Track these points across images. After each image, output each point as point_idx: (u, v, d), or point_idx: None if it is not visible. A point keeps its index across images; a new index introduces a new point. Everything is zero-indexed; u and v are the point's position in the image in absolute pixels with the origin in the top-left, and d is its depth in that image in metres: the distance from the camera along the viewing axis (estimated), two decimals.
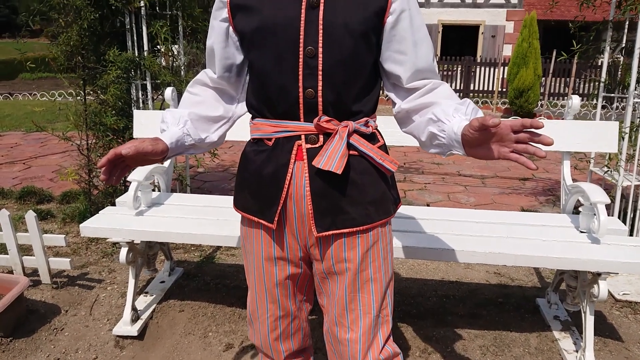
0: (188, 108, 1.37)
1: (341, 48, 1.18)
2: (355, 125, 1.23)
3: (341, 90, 1.21)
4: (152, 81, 3.49)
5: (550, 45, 13.89)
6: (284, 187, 1.25)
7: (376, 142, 1.30)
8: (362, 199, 1.26)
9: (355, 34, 1.18)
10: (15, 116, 9.82)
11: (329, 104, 1.21)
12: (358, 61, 1.21)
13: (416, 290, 2.91)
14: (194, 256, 3.35)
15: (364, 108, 1.26)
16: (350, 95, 1.23)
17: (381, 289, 1.33)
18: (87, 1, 3.15)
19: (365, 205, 1.27)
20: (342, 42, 1.18)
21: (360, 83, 1.23)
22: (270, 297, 1.38)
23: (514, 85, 10.47)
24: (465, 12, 15.96)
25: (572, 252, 2.04)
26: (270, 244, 1.34)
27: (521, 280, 3.03)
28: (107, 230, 2.34)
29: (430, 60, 1.27)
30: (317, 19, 1.16)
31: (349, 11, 1.17)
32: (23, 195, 4.42)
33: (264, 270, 1.37)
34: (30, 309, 2.64)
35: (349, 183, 1.24)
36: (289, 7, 1.18)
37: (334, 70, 1.19)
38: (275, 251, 1.34)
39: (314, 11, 1.17)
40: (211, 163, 5.94)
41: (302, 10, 1.17)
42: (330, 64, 1.18)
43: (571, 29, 3.35)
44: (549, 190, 5.04)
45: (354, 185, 1.25)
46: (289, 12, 1.18)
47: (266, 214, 1.30)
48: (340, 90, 1.21)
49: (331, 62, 1.18)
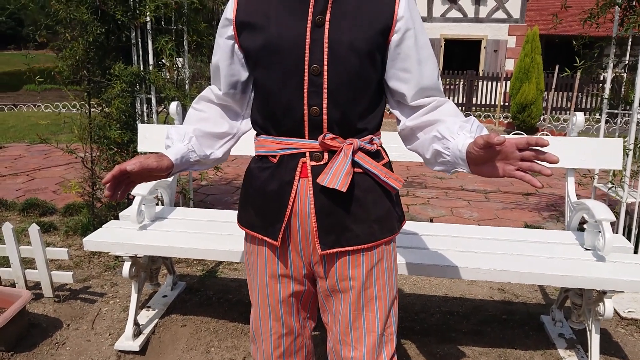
0: (193, 124, 1.37)
1: (346, 66, 1.19)
2: (360, 142, 1.24)
3: (346, 108, 1.21)
4: (157, 95, 3.50)
5: (553, 59, 13.94)
6: (289, 205, 1.25)
7: (381, 160, 1.30)
8: (367, 217, 1.26)
9: (360, 52, 1.19)
10: (19, 127, 9.87)
11: (334, 121, 1.21)
12: (363, 79, 1.22)
13: (420, 306, 2.89)
14: (197, 270, 3.34)
15: (368, 125, 1.26)
16: (355, 112, 1.23)
17: (385, 307, 1.32)
18: (94, 16, 3.18)
19: (370, 223, 1.27)
20: (347, 61, 1.19)
21: (365, 101, 1.24)
22: (273, 314, 1.37)
23: (516, 100, 10.50)
24: (468, 26, 16.06)
25: (577, 270, 2.03)
26: (274, 261, 1.33)
27: (525, 297, 3.01)
28: (110, 245, 2.34)
29: (435, 78, 1.27)
30: (322, 38, 1.18)
31: (354, 30, 1.18)
32: (26, 207, 4.42)
33: (267, 288, 1.36)
34: (32, 322, 2.62)
35: (354, 201, 1.25)
36: (295, 25, 1.19)
37: (339, 88, 1.20)
38: (279, 268, 1.33)
39: (320, 30, 1.18)
40: (214, 176, 5.94)
41: (308, 28, 1.18)
42: (335, 82, 1.19)
43: (575, 47, 3.36)
44: (553, 206, 5.03)
45: (358, 203, 1.25)
46: (295, 30, 1.19)
47: (270, 231, 1.29)
48: (345, 108, 1.21)
49: (336, 80, 1.19)
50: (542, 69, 10.50)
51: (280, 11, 1.21)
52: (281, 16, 1.20)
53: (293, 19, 1.19)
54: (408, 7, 1.21)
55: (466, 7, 16.02)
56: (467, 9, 16.02)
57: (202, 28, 3.61)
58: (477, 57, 16.46)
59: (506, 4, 15.80)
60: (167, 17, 3.49)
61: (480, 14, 15.99)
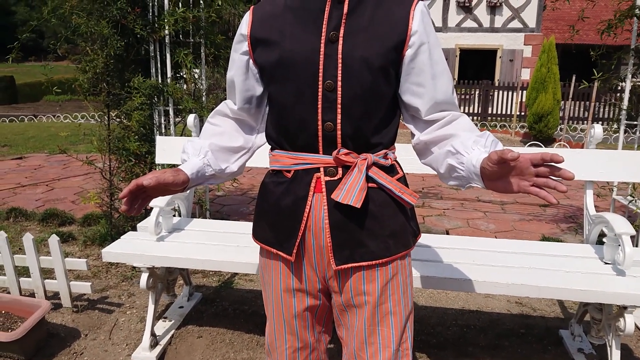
0: (208, 139, 1.38)
1: (360, 82, 1.19)
2: (374, 157, 1.23)
3: (360, 123, 1.22)
4: (174, 107, 3.55)
5: (570, 67, 13.85)
6: (303, 220, 1.25)
7: (395, 174, 1.30)
8: (381, 232, 1.26)
9: (373, 67, 1.19)
10: (39, 138, 10.04)
11: (348, 136, 1.22)
12: (377, 94, 1.22)
13: (436, 319, 2.87)
14: (213, 281, 3.36)
15: (382, 140, 1.26)
16: (369, 127, 1.23)
17: (401, 322, 1.31)
18: (114, 30, 3.24)
19: (385, 238, 1.26)
20: (360, 76, 1.19)
21: (379, 116, 1.24)
22: (288, 328, 1.38)
23: (533, 110, 10.42)
24: (483, 36, 16.03)
25: (597, 285, 2.00)
26: (288, 276, 1.33)
27: (544, 311, 2.98)
28: (128, 256, 2.36)
29: (450, 92, 1.26)
30: (336, 53, 1.18)
31: (367, 45, 1.19)
32: (46, 217, 4.49)
33: (282, 302, 1.36)
34: (51, 332, 2.66)
35: (368, 216, 1.24)
36: (309, 41, 1.20)
37: (353, 103, 1.20)
38: (294, 283, 1.33)
39: (333, 45, 1.18)
40: (230, 187, 5.98)
41: (322, 44, 1.19)
42: (349, 98, 1.19)
43: (593, 57, 3.34)
44: (571, 217, 4.97)
45: (373, 218, 1.25)
46: (309, 46, 1.20)
47: (285, 246, 1.30)
48: (359, 123, 1.22)
49: (350, 96, 1.19)
50: (559, 79, 10.42)
51: (294, 27, 1.22)
52: (295, 32, 1.22)
53: (307, 35, 1.20)
54: (422, 21, 1.21)
55: (481, 17, 16.00)
56: (483, 19, 16.00)
57: (220, 40, 3.66)
58: (492, 66, 16.41)
59: (522, 13, 15.76)
60: (185, 31, 3.54)
61: (496, 24, 15.96)
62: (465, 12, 16.01)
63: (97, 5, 3.32)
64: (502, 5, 15.79)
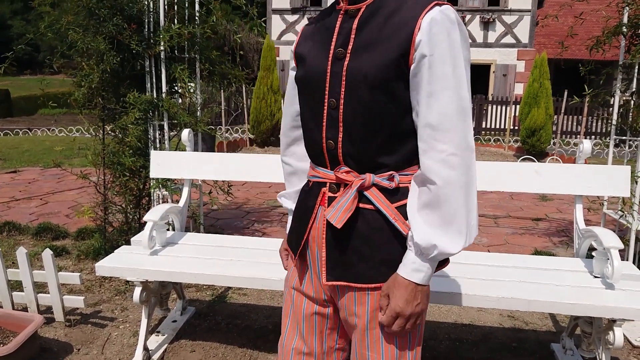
0: (292, 185, 1.52)
1: (360, 99, 1.16)
2: (376, 178, 1.19)
3: (362, 143, 1.19)
4: (169, 121, 3.57)
5: (562, 82, 13.99)
6: (307, 228, 1.30)
7: (398, 200, 1.20)
8: (374, 256, 1.21)
9: (374, 84, 1.14)
10: (33, 151, 10.04)
11: (349, 155, 1.21)
12: (378, 113, 1.16)
13: (428, 333, 2.88)
14: (206, 295, 3.36)
15: (390, 161, 1.20)
16: (372, 147, 1.19)
17: (392, 353, 1.24)
18: (110, 45, 3.27)
19: (377, 264, 1.21)
20: (360, 94, 1.16)
21: (384, 135, 1.18)
22: (298, 328, 1.38)
23: (525, 125, 10.53)
24: (477, 51, 16.21)
25: (586, 298, 2.02)
26: (300, 277, 1.38)
27: (535, 324, 2.99)
28: (122, 270, 2.37)
29: (449, 114, 1.10)
30: (341, 71, 1.18)
31: (370, 60, 1.14)
32: (39, 231, 4.48)
33: (293, 301, 1.39)
34: (44, 347, 2.65)
35: (362, 238, 1.22)
36: (320, 58, 1.23)
37: (354, 122, 1.18)
38: (303, 286, 1.37)
39: (340, 62, 1.19)
40: (224, 201, 5.99)
41: (329, 61, 1.21)
42: (350, 116, 1.18)
43: (582, 72, 3.40)
44: (563, 231, 5.00)
45: (365, 240, 1.21)
46: (319, 63, 1.23)
47: (294, 246, 1.36)
48: (361, 142, 1.19)
49: (350, 114, 1.18)
50: (551, 94, 10.55)
51: (315, 44, 1.27)
52: (313, 50, 1.26)
53: (320, 52, 1.24)
54: (430, 30, 1.09)
55: (475, 33, 16.20)
56: (476, 34, 16.20)
57: (214, 56, 3.70)
58: (486, 81, 16.57)
59: (514, 29, 15.98)
60: (180, 46, 3.58)
61: (489, 39, 16.16)
62: None
63: (94, 21, 3.36)
64: (495, 21, 16.01)
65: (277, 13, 17.26)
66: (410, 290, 1.16)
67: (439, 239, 1.12)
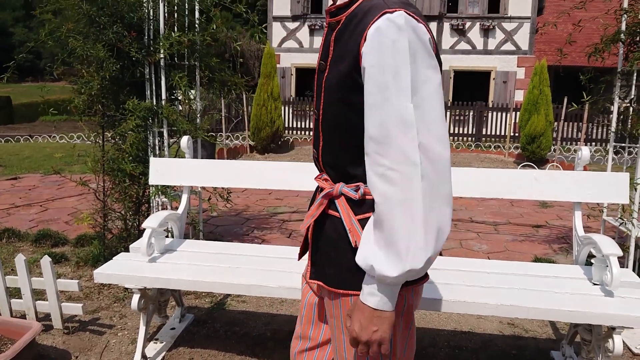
0: None
1: (333, 112, 1.20)
2: (345, 188, 1.21)
3: (337, 153, 1.24)
4: (169, 128, 3.58)
5: (562, 88, 14.01)
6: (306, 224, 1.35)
7: (364, 212, 1.18)
8: (339, 262, 1.22)
9: (337, 96, 1.17)
10: (34, 158, 10.04)
11: (327, 164, 1.28)
12: (344, 124, 1.18)
13: (428, 340, 2.87)
14: (205, 302, 3.35)
15: (359, 172, 1.19)
16: (344, 158, 1.21)
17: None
18: (110, 53, 3.28)
19: (342, 270, 1.21)
20: (331, 105, 1.21)
21: (352, 146, 1.18)
22: (300, 311, 1.48)
23: (525, 132, 10.53)
24: (477, 58, 16.25)
25: (585, 306, 2.02)
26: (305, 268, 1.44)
27: (535, 332, 2.98)
28: (120, 277, 2.37)
29: (384, 129, 1.04)
30: (322, 83, 1.23)
31: (337, 73, 1.16)
32: (39, 237, 4.48)
33: (302, 290, 1.49)
34: (42, 354, 2.64)
35: (330, 243, 1.25)
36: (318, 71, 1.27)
37: (330, 133, 1.24)
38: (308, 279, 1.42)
39: (321, 75, 1.23)
40: (224, 208, 5.98)
41: (316, 74, 1.26)
42: (326, 127, 1.24)
43: (582, 81, 3.40)
44: (563, 238, 4.99)
45: (333, 245, 1.24)
46: (315, 75, 1.28)
47: (304, 242, 1.44)
48: (336, 152, 1.24)
49: (326, 125, 1.24)
50: (551, 101, 10.56)
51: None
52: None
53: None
54: (372, 40, 1.05)
55: (475, 40, 16.24)
56: (476, 41, 16.24)
57: (214, 63, 3.71)
58: (486, 88, 16.60)
59: (514, 36, 16.01)
60: (180, 54, 3.59)
61: (489, 46, 16.19)
62: (459, 35, 16.26)
63: (94, 29, 3.37)
64: (495, 28, 16.05)
65: (278, 20, 17.32)
66: (366, 315, 1.09)
67: (378, 260, 1.05)
